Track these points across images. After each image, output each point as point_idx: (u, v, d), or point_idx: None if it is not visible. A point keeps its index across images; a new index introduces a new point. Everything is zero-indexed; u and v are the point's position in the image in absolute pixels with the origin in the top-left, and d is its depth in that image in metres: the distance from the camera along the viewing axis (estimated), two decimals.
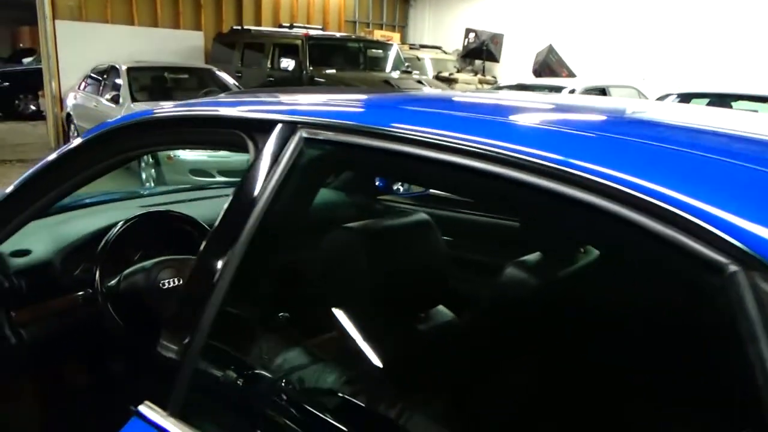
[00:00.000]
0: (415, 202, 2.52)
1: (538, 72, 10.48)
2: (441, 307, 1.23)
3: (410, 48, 11.02)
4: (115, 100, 6.75)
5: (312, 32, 8.84)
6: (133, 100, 6.65)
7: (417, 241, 1.12)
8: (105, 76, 7.44)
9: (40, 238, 1.63)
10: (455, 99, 1.16)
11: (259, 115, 0.99)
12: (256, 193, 0.87)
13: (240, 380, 0.92)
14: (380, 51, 9.25)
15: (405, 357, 1.11)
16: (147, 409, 0.86)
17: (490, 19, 12.12)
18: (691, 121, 1.00)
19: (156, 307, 1.63)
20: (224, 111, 1.07)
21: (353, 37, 10.40)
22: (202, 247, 0.92)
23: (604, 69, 10.38)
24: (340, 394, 0.97)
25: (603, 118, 1.00)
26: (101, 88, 7.39)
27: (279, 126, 0.92)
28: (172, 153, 5.91)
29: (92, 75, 7.88)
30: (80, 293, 1.61)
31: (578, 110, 1.10)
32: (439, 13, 13.66)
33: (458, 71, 10.86)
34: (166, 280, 1.62)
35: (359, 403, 0.99)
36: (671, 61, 9.62)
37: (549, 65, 10.43)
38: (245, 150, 0.99)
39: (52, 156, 1.22)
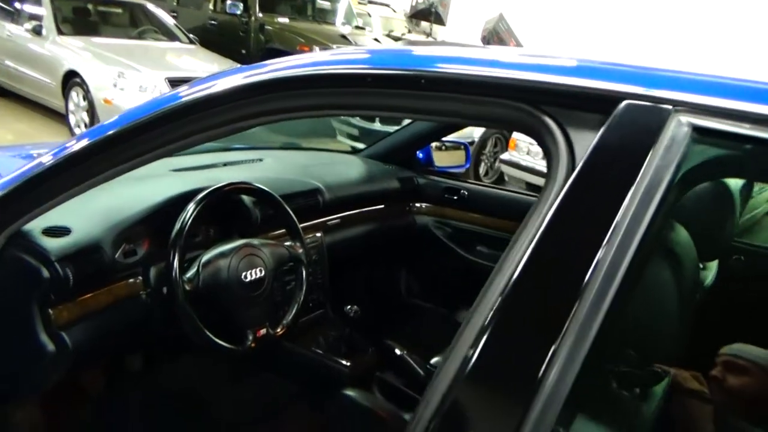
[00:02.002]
0: (456, 179, 2.25)
1: (487, 39, 10.30)
2: None
3: (359, 3, 10.49)
4: (36, 31, 5.82)
5: None
6: (59, 32, 5.79)
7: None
8: (20, 3, 6.40)
9: (75, 211, 1.21)
10: None
11: (577, 83, 0.63)
12: (607, 208, 0.57)
13: None
14: (330, 3, 8.68)
15: None
16: None
17: None
18: None
19: (236, 306, 1.27)
20: (497, 70, 0.69)
21: None
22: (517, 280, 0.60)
23: (552, 42, 10.43)
24: None
25: None
26: (15, 16, 6.36)
27: (624, 105, 0.60)
28: (109, 96, 5.22)
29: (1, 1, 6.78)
30: (132, 280, 1.22)
31: None
32: None
33: (409, 31, 10.50)
34: (248, 272, 1.27)
35: None
36: (621, 38, 9.80)
37: (498, 33, 10.28)
38: (528, 132, 0.67)
39: (180, 96, 0.83)
